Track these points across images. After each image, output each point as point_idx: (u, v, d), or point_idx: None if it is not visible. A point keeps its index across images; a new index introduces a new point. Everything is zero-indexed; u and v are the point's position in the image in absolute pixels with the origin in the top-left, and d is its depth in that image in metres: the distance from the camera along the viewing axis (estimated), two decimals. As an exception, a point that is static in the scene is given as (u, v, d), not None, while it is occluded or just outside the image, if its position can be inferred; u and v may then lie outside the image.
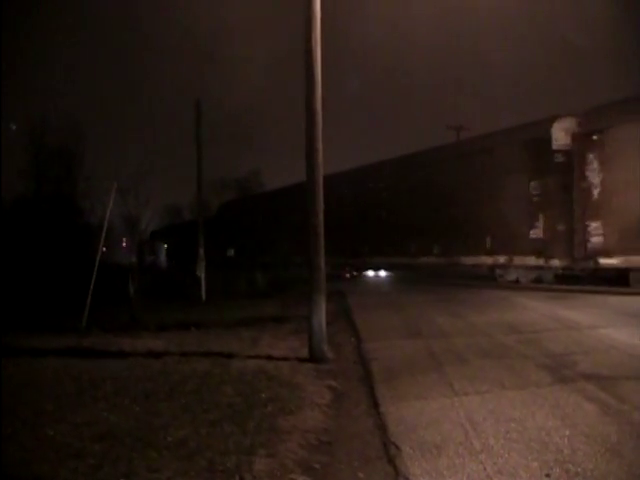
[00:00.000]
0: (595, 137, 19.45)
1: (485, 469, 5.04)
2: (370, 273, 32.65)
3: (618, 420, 6.23)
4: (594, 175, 19.51)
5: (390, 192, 29.63)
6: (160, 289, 24.82)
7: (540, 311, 14.93)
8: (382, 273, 32.14)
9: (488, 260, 23.74)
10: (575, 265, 20.23)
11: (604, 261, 18.97)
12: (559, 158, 20.52)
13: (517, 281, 22.43)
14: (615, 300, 16.55)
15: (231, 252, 44.26)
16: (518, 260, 22.20)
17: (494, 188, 23.04)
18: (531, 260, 21.49)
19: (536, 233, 21.17)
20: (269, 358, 9.91)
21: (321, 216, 10.10)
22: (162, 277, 33.38)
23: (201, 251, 23.91)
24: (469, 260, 24.93)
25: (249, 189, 56.03)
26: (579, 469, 4.97)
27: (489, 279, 23.17)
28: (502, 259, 22.92)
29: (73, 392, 7.97)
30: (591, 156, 19.58)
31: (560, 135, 20.53)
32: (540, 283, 21.41)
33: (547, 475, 4.89)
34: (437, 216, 26.09)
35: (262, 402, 7.16)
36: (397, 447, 5.70)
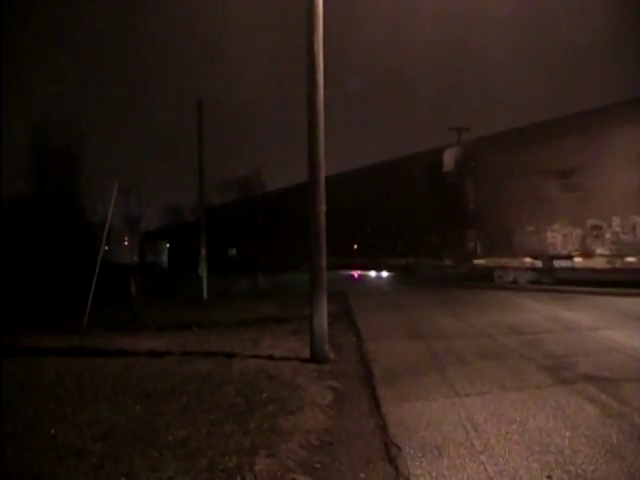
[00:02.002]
0: (472, 163, 25.22)
1: (486, 470, 5.05)
2: (372, 274, 32.76)
3: (619, 422, 6.23)
4: (470, 193, 25.38)
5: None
6: (161, 289, 24.85)
7: (541, 312, 14.94)
8: (384, 274, 32.26)
9: (401, 260, 30.78)
10: (458, 264, 26.27)
11: (476, 262, 24.96)
12: (449, 179, 26.42)
13: (424, 277, 27.98)
14: (616, 302, 16.56)
15: (232, 252, 44.28)
16: (424, 261, 28.68)
17: (407, 202, 29.45)
18: (431, 261, 28.07)
19: (434, 240, 28.32)
20: (270, 358, 9.91)
21: (323, 217, 10.11)
22: (164, 277, 33.41)
23: (203, 251, 23.95)
24: (391, 260, 31.79)
25: (250, 189, 55.96)
26: (580, 470, 4.98)
27: (486, 280, 24.28)
28: (411, 260, 29.88)
29: (74, 391, 7.97)
30: (468, 178, 25.48)
31: (449, 161, 26.64)
32: (443, 280, 26.31)
33: (548, 476, 4.89)
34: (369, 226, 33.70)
35: (263, 402, 7.16)
36: (398, 447, 5.71)
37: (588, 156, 20.15)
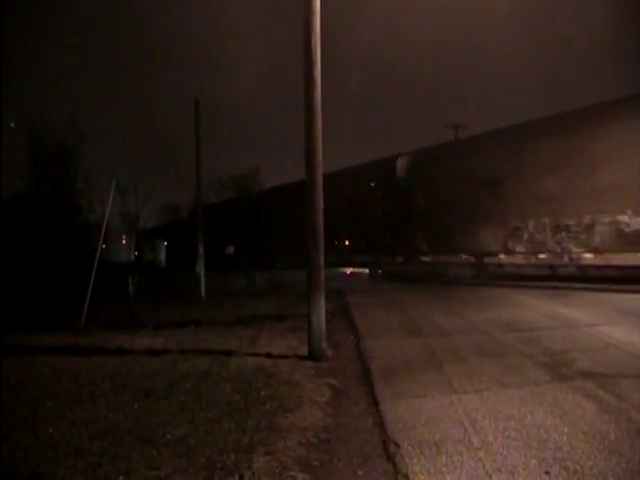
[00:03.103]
0: (420, 170, 27.68)
1: (484, 467, 5.05)
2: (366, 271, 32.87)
3: (616, 418, 6.24)
4: (418, 198, 28.16)
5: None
6: (159, 287, 24.86)
7: (538, 309, 14.95)
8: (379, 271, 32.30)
9: (366, 258, 32.60)
10: (407, 261, 29.05)
11: (423, 259, 27.98)
12: (402, 184, 29.03)
13: (380, 273, 30.28)
14: (613, 298, 16.56)
15: (230, 250, 44.26)
16: (380, 257, 30.85)
17: (366, 204, 32.11)
18: (386, 258, 30.45)
19: (389, 239, 30.32)
20: (268, 356, 9.91)
21: (321, 215, 10.11)
22: (161, 275, 33.40)
23: (201, 249, 23.96)
24: (356, 258, 33.99)
25: (248, 187, 55.91)
26: (578, 467, 4.98)
27: (485, 277, 24.10)
28: (370, 258, 31.94)
29: (72, 390, 7.96)
30: (417, 184, 28.27)
31: (401, 168, 29.26)
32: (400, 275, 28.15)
33: (546, 472, 4.90)
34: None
35: (261, 400, 7.16)
36: (396, 445, 5.71)
37: (511, 167, 23.12)
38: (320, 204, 10.12)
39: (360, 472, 5.17)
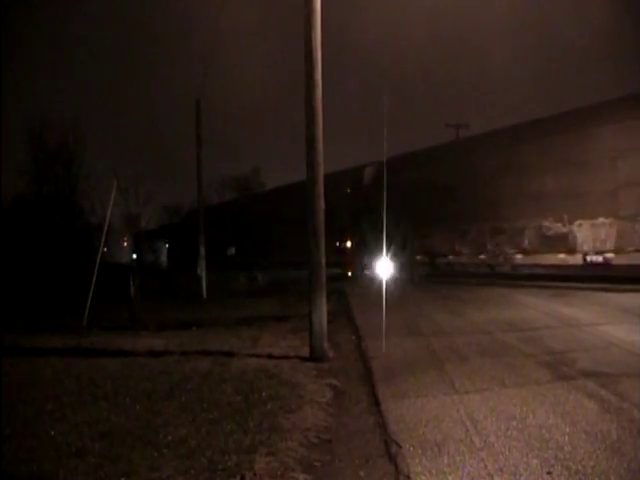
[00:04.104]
0: (384, 179, 26.64)
1: (486, 467, 5.04)
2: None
3: (618, 417, 6.23)
4: (380, 204, 26.48)
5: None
6: (161, 288, 24.87)
7: (540, 308, 14.93)
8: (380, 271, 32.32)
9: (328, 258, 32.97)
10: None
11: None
12: (368, 192, 28.88)
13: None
14: (614, 297, 16.53)
15: (232, 251, 44.26)
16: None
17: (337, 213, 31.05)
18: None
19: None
20: (269, 357, 9.91)
21: (322, 215, 10.12)
22: (163, 276, 33.41)
23: (202, 250, 23.99)
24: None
25: (249, 188, 55.99)
26: (580, 466, 4.98)
27: (485, 276, 24.47)
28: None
29: (73, 391, 7.97)
30: (381, 192, 25.71)
31: (367, 177, 30.49)
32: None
33: (548, 473, 4.89)
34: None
35: (262, 401, 7.16)
36: (398, 445, 5.70)
37: (461, 175, 25.06)
38: (321, 204, 10.13)
39: (362, 473, 5.17)
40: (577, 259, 20.96)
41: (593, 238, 20.25)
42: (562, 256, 21.84)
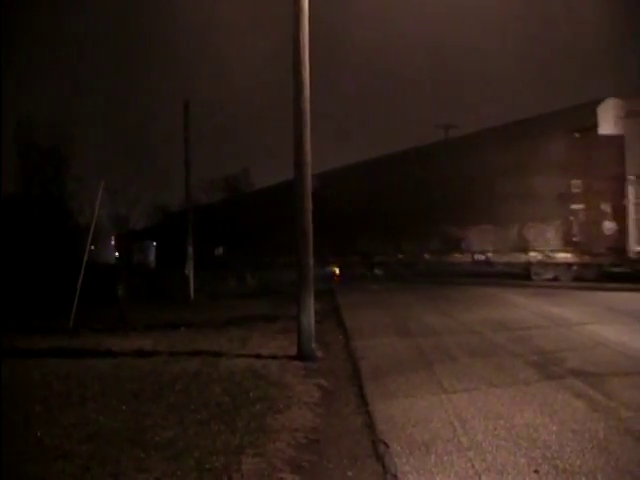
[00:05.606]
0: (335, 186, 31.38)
1: (473, 466, 5.05)
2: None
3: (606, 416, 6.26)
4: (328, 213, 28.54)
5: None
6: (149, 288, 24.78)
7: (529, 308, 14.99)
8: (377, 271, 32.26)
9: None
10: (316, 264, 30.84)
11: (330, 260, 30.54)
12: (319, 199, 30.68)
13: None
14: (603, 297, 16.62)
15: (219, 251, 44.18)
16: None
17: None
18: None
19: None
20: (258, 357, 9.90)
21: (309, 215, 10.12)
22: (151, 276, 33.30)
23: (190, 250, 23.92)
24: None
25: (238, 188, 55.82)
26: (567, 465, 4.99)
27: (474, 276, 25.41)
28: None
29: (61, 393, 7.94)
30: (328, 199, 28.24)
31: (316, 185, 30.99)
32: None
33: (535, 471, 4.90)
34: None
35: (251, 401, 7.16)
36: (386, 445, 5.71)
37: (388, 189, 29.75)
38: (309, 204, 10.13)
39: (349, 473, 5.17)
40: (468, 257, 25.60)
41: (479, 241, 24.76)
42: (458, 255, 26.29)
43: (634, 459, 5.11)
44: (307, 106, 10.19)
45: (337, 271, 31.93)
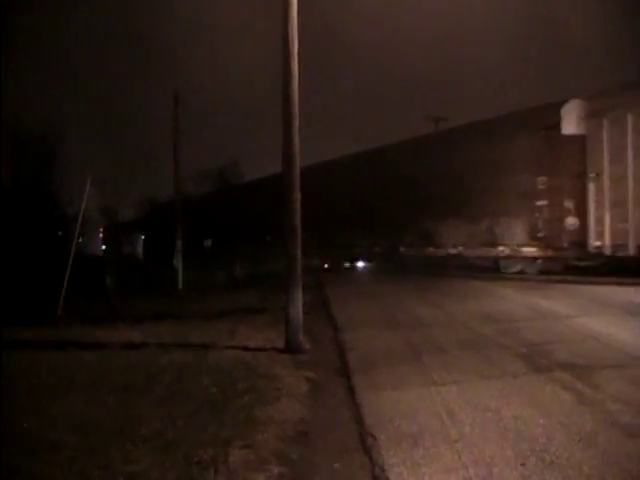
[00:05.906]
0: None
1: (461, 458, 5.07)
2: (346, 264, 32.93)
3: (593, 409, 6.30)
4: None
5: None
6: (137, 280, 24.71)
7: (518, 301, 15.04)
8: (360, 264, 32.34)
9: None
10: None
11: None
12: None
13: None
14: (590, 290, 16.70)
15: (208, 243, 44.12)
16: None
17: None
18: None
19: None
20: (246, 349, 9.87)
21: (298, 208, 10.10)
22: (139, 268, 33.22)
23: (178, 242, 23.89)
24: None
25: (227, 180, 55.68)
26: (554, 458, 5.02)
27: (464, 268, 25.31)
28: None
29: (49, 384, 7.88)
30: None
31: None
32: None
33: (522, 464, 4.92)
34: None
35: (239, 393, 7.14)
36: (374, 437, 5.72)
37: (368, 184, 30.89)
38: (297, 195, 10.11)
39: (337, 465, 5.17)
40: (442, 252, 26.50)
41: (452, 235, 25.48)
42: (432, 249, 27.31)
43: (621, 452, 5.14)
44: (296, 97, 10.17)
45: (325, 264, 32.01)
